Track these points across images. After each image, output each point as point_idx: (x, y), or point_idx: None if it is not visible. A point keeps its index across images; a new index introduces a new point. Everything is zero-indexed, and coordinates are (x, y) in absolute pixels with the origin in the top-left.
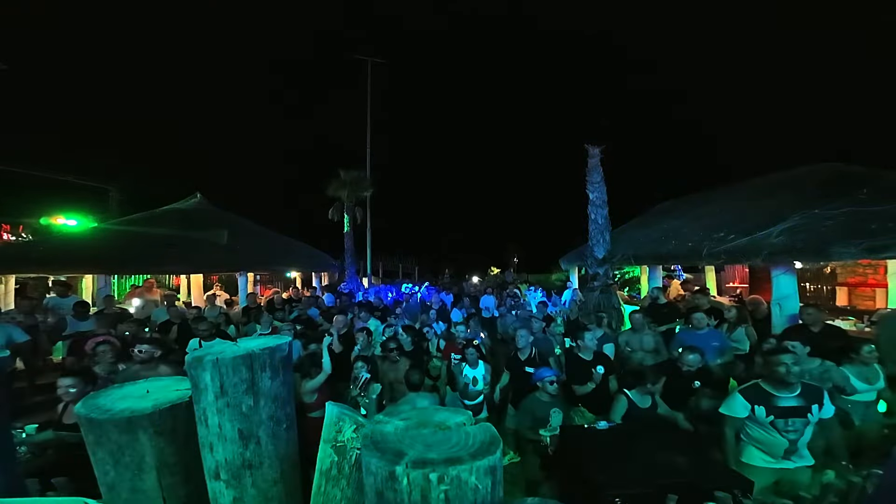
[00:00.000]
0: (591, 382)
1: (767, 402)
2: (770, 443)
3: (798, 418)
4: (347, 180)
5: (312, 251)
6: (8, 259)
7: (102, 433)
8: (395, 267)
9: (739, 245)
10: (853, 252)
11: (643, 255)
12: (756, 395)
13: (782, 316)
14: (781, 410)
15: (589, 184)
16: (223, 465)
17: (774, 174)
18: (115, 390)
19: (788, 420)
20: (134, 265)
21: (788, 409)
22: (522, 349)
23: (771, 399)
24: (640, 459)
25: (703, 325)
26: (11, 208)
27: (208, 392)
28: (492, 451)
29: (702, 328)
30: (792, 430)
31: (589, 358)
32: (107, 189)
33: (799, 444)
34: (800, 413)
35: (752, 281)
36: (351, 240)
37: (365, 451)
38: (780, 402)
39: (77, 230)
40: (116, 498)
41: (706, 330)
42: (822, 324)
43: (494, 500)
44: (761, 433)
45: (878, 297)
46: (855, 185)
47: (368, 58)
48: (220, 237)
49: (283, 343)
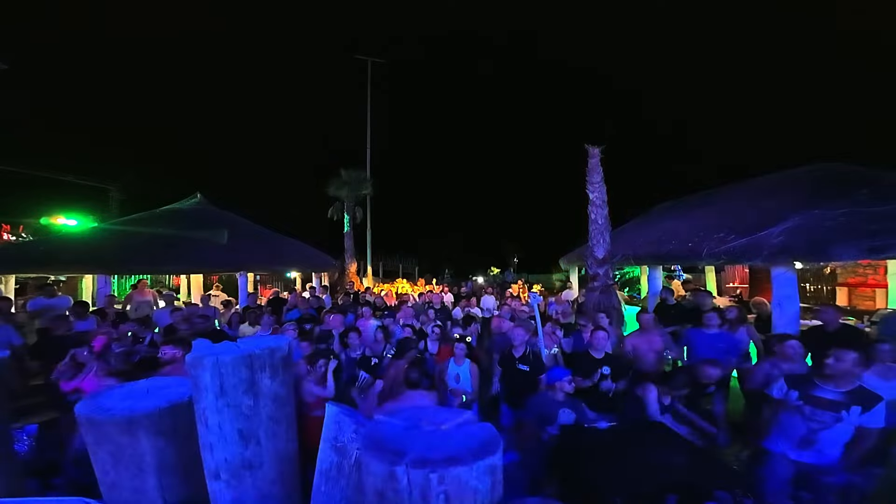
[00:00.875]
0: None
1: (805, 389)
2: (789, 427)
3: (829, 412)
4: (348, 180)
5: (312, 251)
6: (8, 259)
7: (103, 433)
8: (395, 267)
9: (739, 245)
10: (853, 252)
11: (643, 255)
12: (798, 381)
13: (783, 316)
14: (815, 399)
15: (589, 184)
16: (223, 465)
17: (774, 174)
18: (116, 390)
19: (818, 410)
20: (134, 265)
21: (823, 401)
22: (517, 347)
23: (809, 387)
24: (640, 459)
25: (714, 326)
26: (11, 208)
27: (208, 392)
28: (492, 450)
29: (712, 329)
30: (817, 420)
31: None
32: (107, 189)
33: (822, 437)
34: (834, 408)
35: (752, 281)
36: (351, 239)
37: (365, 451)
38: (817, 392)
39: (77, 230)
40: (116, 498)
41: (716, 331)
42: (839, 324)
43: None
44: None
45: (878, 297)
46: (855, 185)
47: (368, 58)
48: (220, 237)
49: (283, 343)
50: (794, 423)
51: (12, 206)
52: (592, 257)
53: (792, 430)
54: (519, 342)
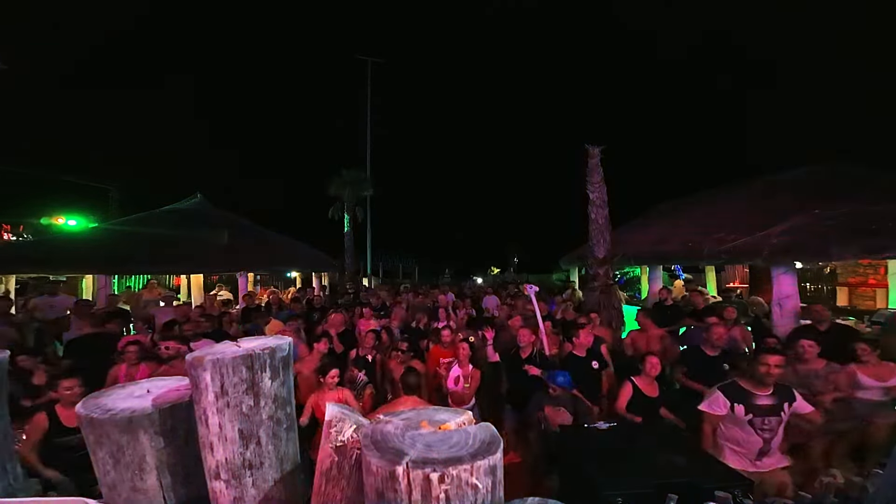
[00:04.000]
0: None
1: (746, 400)
2: (745, 442)
3: (773, 416)
4: (348, 180)
5: (312, 251)
6: (8, 259)
7: (103, 433)
8: (395, 267)
9: (739, 245)
10: (853, 252)
11: (643, 255)
12: (735, 393)
13: (783, 316)
14: (759, 408)
15: (589, 184)
16: (223, 465)
17: (774, 174)
18: (116, 390)
19: (765, 418)
20: (134, 265)
21: (765, 408)
22: (523, 348)
23: (750, 397)
24: (640, 459)
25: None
26: (11, 208)
27: (208, 392)
28: (492, 450)
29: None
30: (767, 428)
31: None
32: (107, 189)
33: (773, 444)
34: (774, 411)
35: (752, 281)
36: (351, 239)
37: (365, 451)
38: (757, 401)
39: (77, 230)
40: (117, 498)
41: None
42: (830, 322)
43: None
44: (737, 433)
45: (879, 297)
46: (855, 185)
47: (368, 58)
48: (220, 237)
49: (283, 343)
50: (747, 437)
51: (12, 206)
52: (592, 257)
53: (748, 445)
54: (525, 343)
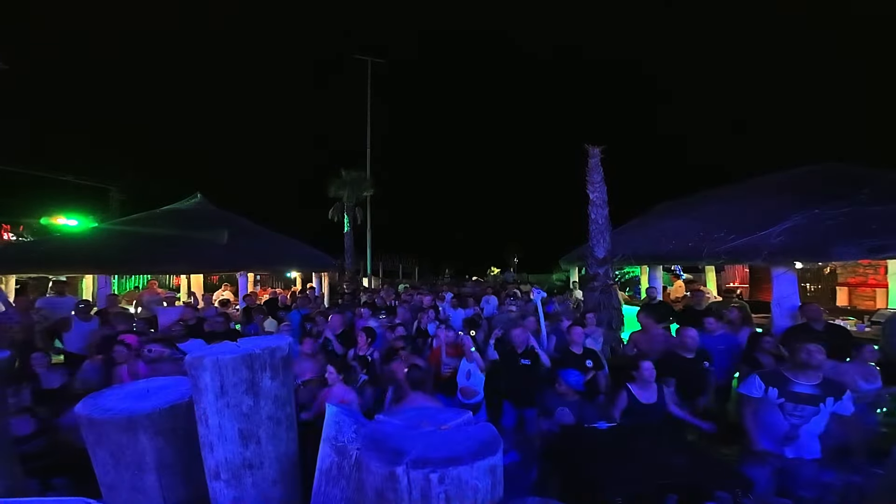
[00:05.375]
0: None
1: (782, 385)
2: (772, 425)
3: (808, 405)
4: (348, 180)
5: (312, 251)
6: (8, 259)
7: (103, 433)
8: (395, 267)
9: (739, 245)
10: (853, 252)
11: (643, 255)
12: (773, 378)
13: (782, 316)
14: (794, 395)
15: (589, 184)
16: (223, 464)
17: (774, 174)
18: (116, 390)
19: (798, 406)
20: (134, 265)
21: (801, 396)
22: (519, 344)
23: (787, 383)
24: (640, 459)
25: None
26: (11, 208)
27: (208, 392)
28: (492, 450)
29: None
30: (797, 414)
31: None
32: (107, 189)
33: (803, 432)
34: (812, 401)
35: (752, 281)
36: (351, 240)
37: (365, 451)
38: (794, 388)
39: (77, 230)
40: (116, 498)
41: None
42: (825, 322)
43: (494, 499)
44: (767, 415)
45: (879, 297)
46: (855, 185)
47: (368, 58)
48: (220, 237)
49: (283, 343)
50: (776, 420)
51: (12, 206)
52: (592, 257)
53: (775, 428)
54: (520, 340)
